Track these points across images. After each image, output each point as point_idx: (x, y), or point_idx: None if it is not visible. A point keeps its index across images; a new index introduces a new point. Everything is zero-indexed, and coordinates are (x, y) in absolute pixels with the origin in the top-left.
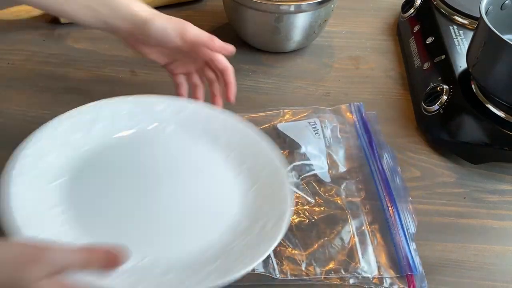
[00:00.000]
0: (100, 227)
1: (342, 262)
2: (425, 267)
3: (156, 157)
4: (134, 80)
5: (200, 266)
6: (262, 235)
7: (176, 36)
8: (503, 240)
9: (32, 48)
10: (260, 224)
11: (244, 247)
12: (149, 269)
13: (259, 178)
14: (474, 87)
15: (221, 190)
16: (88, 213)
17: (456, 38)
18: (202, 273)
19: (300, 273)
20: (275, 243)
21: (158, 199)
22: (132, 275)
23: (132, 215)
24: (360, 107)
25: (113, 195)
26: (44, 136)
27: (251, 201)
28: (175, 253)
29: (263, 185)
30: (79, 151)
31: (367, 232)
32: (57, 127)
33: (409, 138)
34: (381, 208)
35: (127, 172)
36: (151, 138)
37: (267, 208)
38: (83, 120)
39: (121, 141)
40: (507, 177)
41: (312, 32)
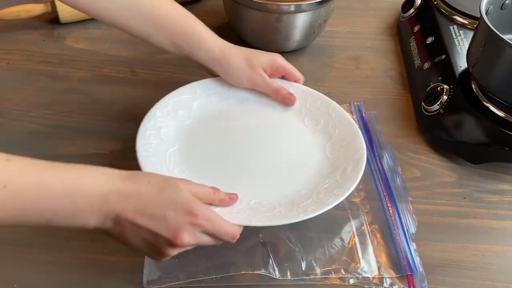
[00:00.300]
0: (212, 182)
1: (342, 262)
2: (425, 267)
3: (247, 123)
4: (134, 80)
5: (298, 202)
6: (344, 177)
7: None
8: (503, 240)
9: (32, 48)
10: (341, 169)
11: (330, 186)
12: (257, 208)
13: (333, 133)
14: (474, 87)
15: (303, 146)
16: (199, 172)
17: (456, 38)
18: (301, 207)
19: (300, 273)
20: (356, 183)
21: (254, 155)
22: (246, 213)
23: (236, 169)
24: (360, 107)
25: (217, 156)
26: (157, 114)
27: (329, 153)
28: (275, 195)
29: (337, 139)
30: (183, 124)
31: (367, 232)
32: (166, 106)
33: (409, 138)
34: (381, 208)
35: (224, 137)
36: (240, 109)
37: (343, 157)
38: (183, 99)
39: (215, 113)
40: (507, 177)
41: (312, 32)
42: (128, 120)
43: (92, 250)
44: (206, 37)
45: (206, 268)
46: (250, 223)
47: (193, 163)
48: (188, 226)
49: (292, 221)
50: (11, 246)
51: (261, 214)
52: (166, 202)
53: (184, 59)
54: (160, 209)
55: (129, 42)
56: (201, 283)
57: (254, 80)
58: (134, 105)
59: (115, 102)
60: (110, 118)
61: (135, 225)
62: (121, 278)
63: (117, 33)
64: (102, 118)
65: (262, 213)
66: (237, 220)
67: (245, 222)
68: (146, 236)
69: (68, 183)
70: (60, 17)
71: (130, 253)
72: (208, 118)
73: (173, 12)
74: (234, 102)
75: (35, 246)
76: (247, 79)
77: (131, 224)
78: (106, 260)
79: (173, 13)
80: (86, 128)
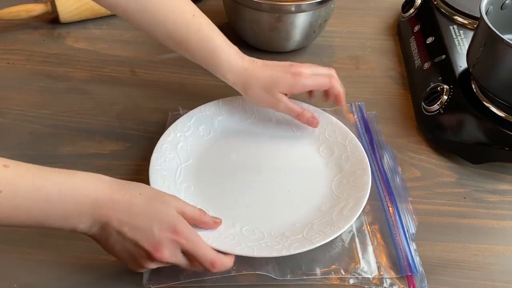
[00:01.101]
0: (213, 201)
1: (342, 262)
2: (425, 267)
3: (262, 146)
4: (134, 80)
5: (288, 235)
6: (339, 216)
7: (270, 108)
8: (503, 240)
9: (32, 48)
10: (340, 207)
11: (324, 223)
12: (247, 236)
13: (344, 167)
14: (474, 87)
15: (312, 176)
16: (204, 189)
17: (456, 38)
18: (288, 241)
19: (299, 273)
20: (350, 223)
21: (261, 180)
22: (234, 239)
23: (239, 191)
24: (361, 106)
25: (225, 175)
26: (178, 128)
27: (335, 187)
28: (269, 225)
29: (347, 173)
30: (202, 139)
31: (367, 232)
32: (189, 121)
33: (410, 138)
34: (381, 208)
35: (236, 157)
36: (258, 130)
37: (347, 194)
38: (207, 115)
39: (234, 132)
40: (507, 177)
41: (312, 32)
42: (128, 120)
43: (92, 250)
44: (223, 62)
45: None
46: (233, 251)
47: (200, 180)
48: (169, 242)
49: (273, 255)
50: (11, 246)
51: (247, 243)
52: (153, 216)
53: (184, 59)
54: (146, 221)
55: (129, 42)
56: (201, 282)
57: (276, 106)
58: (134, 105)
59: (115, 102)
60: (110, 118)
61: (120, 234)
62: (121, 278)
63: (117, 33)
64: (102, 118)
65: (249, 241)
66: (221, 245)
67: (229, 250)
68: (128, 246)
69: (62, 188)
70: (60, 17)
71: None
72: (226, 136)
73: (193, 31)
74: (256, 122)
75: (35, 246)
76: (268, 104)
77: (117, 233)
78: (106, 260)
79: (193, 33)
80: (86, 128)
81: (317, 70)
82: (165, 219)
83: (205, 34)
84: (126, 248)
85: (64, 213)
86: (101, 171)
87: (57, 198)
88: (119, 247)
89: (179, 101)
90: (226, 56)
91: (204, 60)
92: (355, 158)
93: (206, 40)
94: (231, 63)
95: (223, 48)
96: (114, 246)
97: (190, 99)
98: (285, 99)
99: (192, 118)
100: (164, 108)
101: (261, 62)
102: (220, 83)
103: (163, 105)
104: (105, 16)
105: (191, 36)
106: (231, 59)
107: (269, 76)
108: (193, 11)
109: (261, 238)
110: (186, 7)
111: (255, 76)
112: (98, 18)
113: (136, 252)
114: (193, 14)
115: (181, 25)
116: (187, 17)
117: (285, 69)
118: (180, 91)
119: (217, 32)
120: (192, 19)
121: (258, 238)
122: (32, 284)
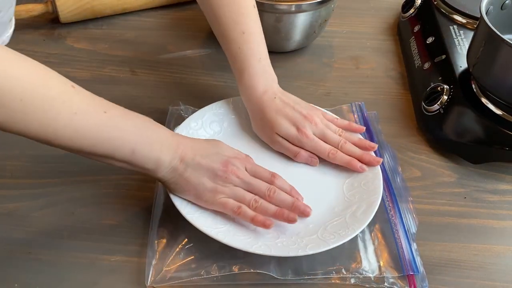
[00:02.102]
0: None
1: (343, 262)
2: (425, 267)
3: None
4: (134, 80)
5: (303, 235)
6: (353, 218)
7: (266, 141)
8: (503, 240)
9: (32, 48)
10: (353, 209)
11: (338, 225)
12: (263, 234)
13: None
14: (474, 87)
15: (323, 178)
16: None
17: (456, 38)
18: (303, 241)
19: (301, 273)
20: (363, 226)
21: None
22: (250, 237)
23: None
24: (362, 106)
25: None
26: (191, 125)
27: (347, 189)
28: (283, 224)
29: (358, 176)
30: (214, 136)
31: (369, 232)
32: (201, 117)
33: (410, 138)
34: (383, 207)
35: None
36: None
37: (359, 197)
38: (220, 112)
39: (246, 130)
40: (507, 177)
41: (312, 32)
42: None
43: (93, 250)
44: (243, 82)
45: (208, 266)
46: (249, 249)
47: None
48: (234, 160)
49: (290, 255)
50: (11, 246)
51: (263, 242)
52: (216, 146)
53: (184, 59)
54: (212, 148)
55: (129, 42)
56: (202, 281)
57: (272, 144)
58: (134, 105)
59: (115, 102)
60: None
61: (194, 160)
62: (121, 278)
63: (117, 33)
64: None
65: (265, 239)
66: (239, 244)
67: (245, 248)
68: (203, 173)
69: (146, 119)
70: (60, 17)
71: (131, 253)
72: (237, 136)
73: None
74: None
75: (35, 246)
76: (265, 139)
77: (192, 160)
78: (107, 260)
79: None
80: None
81: (328, 133)
82: (226, 148)
83: (244, 52)
84: (200, 176)
85: (152, 139)
86: (102, 170)
87: (144, 126)
88: (195, 178)
89: (179, 100)
90: (250, 82)
91: (233, 70)
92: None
93: (243, 57)
94: (251, 90)
95: (250, 76)
96: (189, 179)
97: (190, 99)
98: (282, 140)
99: (204, 115)
100: (164, 108)
101: (280, 100)
102: (221, 83)
103: (163, 105)
104: (105, 16)
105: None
106: (253, 85)
107: (275, 119)
108: (244, 29)
109: (276, 237)
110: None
111: (264, 113)
112: (98, 18)
113: (211, 175)
114: (243, 31)
115: (232, 41)
116: (237, 34)
117: (294, 120)
118: (180, 91)
119: (257, 55)
120: (242, 36)
121: (273, 237)
122: (32, 284)
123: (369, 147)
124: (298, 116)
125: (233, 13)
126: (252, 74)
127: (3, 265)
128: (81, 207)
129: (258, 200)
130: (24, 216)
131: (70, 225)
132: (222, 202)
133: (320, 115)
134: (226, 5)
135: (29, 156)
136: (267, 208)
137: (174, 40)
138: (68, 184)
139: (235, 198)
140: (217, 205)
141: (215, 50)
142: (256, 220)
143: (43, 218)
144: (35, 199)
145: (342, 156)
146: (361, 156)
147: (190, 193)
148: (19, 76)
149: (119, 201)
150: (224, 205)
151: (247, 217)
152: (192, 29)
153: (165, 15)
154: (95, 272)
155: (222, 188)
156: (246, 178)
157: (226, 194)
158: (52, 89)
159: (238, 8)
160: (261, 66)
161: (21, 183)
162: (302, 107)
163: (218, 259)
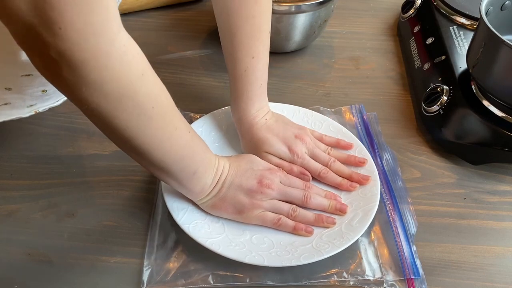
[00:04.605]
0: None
1: (343, 264)
2: (425, 268)
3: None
4: None
5: (297, 244)
6: (348, 227)
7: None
8: (503, 241)
9: None
10: (349, 217)
11: (333, 234)
12: (257, 244)
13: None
14: (474, 87)
15: (320, 185)
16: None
17: (456, 38)
18: (297, 251)
19: (300, 275)
20: (359, 235)
21: None
22: (244, 247)
23: None
24: (361, 108)
25: None
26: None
27: (344, 196)
28: (279, 233)
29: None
30: (212, 145)
31: (369, 233)
32: (200, 126)
33: (409, 138)
34: (383, 209)
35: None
36: None
37: (356, 205)
38: (217, 120)
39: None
40: (507, 178)
41: (312, 32)
42: None
43: (92, 251)
44: (238, 103)
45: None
46: (244, 260)
47: None
48: (267, 174)
49: (283, 265)
50: (12, 247)
51: (257, 252)
52: (246, 164)
53: (184, 59)
54: (244, 166)
55: None
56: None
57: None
58: None
59: None
60: None
61: (230, 183)
62: (121, 279)
63: None
64: None
65: (259, 250)
66: (232, 253)
67: (239, 258)
68: (239, 191)
69: (202, 141)
70: None
71: (130, 254)
72: (238, 143)
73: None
74: None
75: (35, 246)
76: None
77: (228, 182)
78: (106, 261)
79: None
80: (87, 129)
81: (317, 152)
82: (259, 161)
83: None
84: (236, 195)
85: (207, 163)
86: (101, 171)
87: (203, 150)
88: (231, 197)
89: (179, 101)
90: (246, 104)
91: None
92: (364, 169)
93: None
94: (245, 111)
95: (248, 98)
96: (225, 199)
97: (191, 99)
98: (272, 157)
99: (204, 124)
100: None
101: (271, 121)
102: (221, 83)
103: None
104: None
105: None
106: (248, 107)
107: (266, 138)
108: (254, 54)
109: (271, 247)
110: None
111: (254, 133)
112: None
113: (247, 192)
114: (253, 56)
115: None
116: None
117: (286, 139)
118: (180, 91)
119: (260, 81)
120: (251, 60)
121: (268, 247)
122: (32, 286)
123: (358, 163)
124: (290, 135)
125: (249, 37)
126: (250, 97)
127: (3, 266)
128: (81, 209)
129: (296, 209)
130: (24, 217)
131: (70, 226)
132: (261, 216)
133: (309, 134)
134: (244, 27)
135: (30, 157)
136: (306, 216)
137: (174, 41)
138: (68, 185)
139: (273, 210)
140: (256, 219)
141: (215, 51)
142: (297, 228)
143: (43, 219)
144: (35, 200)
145: (332, 177)
146: (349, 176)
147: (228, 211)
148: (155, 80)
149: (119, 203)
150: (263, 219)
151: (288, 227)
152: (192, 29)
153: (165, 16)
154: (95, 274)
155: (259, 202)
156: (281, 189)
157: (264, 207)
158: (170, 99)
159: (255, 33)
160: (260, 91)
161: (22, 184)
162: (292, 126)
163: (216, 264)
